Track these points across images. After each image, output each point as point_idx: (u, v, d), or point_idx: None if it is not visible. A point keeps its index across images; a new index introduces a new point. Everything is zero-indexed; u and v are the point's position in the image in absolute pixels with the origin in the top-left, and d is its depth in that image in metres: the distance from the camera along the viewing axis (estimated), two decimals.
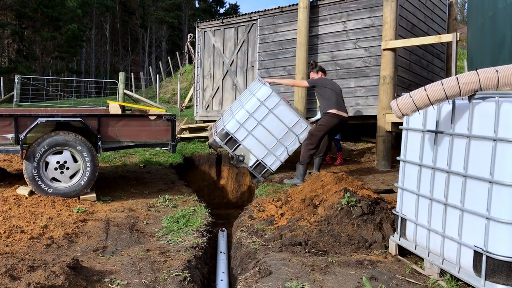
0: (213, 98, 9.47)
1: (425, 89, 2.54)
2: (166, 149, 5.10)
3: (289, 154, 5.62)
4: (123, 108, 6.32)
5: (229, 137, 5.41)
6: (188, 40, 9.75)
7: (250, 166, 5.51)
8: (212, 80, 9.49)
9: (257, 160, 5.51)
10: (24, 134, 4.39)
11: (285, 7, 8.16)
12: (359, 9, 7.30)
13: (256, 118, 5.43)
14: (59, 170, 4.54)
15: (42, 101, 16.05)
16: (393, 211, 3.32)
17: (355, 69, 7.37)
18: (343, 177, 4.30)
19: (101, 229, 3.76)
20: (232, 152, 5.43)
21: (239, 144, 5.42)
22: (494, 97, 2.33)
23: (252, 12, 8.67)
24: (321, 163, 5.99)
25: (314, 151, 5.55)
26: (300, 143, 5.59)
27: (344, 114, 5.61)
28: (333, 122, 5.50)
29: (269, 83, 5.54)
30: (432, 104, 2.55)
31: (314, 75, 5.91)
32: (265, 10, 8.44)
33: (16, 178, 5.24)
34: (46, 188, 4.48)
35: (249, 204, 4.97)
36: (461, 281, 2.59)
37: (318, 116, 5.92)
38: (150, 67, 28.30)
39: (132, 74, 24.25)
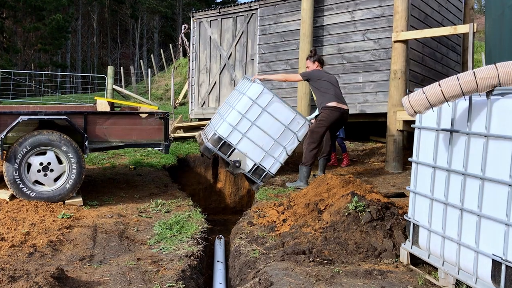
0: (209, 94, 9.48)
1: (439, 85, 2.54)
2: (159, 150, 5.10)
3: (288, 154, 5.63)
4: (111, 105, 6.32)
5: (222, 142, 5.43)
6: (183, 31, 9.75)
7: (248, 172, 5.54)
8: (209, 74, 9.49)
9: (255, 164, 5.53)
10: (4, 133, 4.39)
11: None
12: None
13: (249, 118, 5.44)
14: (42, 172, 4.54)
15: (24, 98, 16.04)
16: (404, 217, 3.33)
17: (364, 63, 7.37)
18: (350, 180, 4.30)
19: (88, 236, 3.76)
20: (227, 158, 5.45)
21: (234, 149, 5.44)
22: None
23: (251, 1, 8.67)
24: (325, 164, 5.99)
25: (317, 150, 5.58)
26: (299, 141, 5.62)
27: (345, 107, 5.65)
28: (334, 116, 5.53)
29: (260, 80, 5.57)
30: (447, 101, 2.55)
31: (309, 64, 5.93)
32: None
33: None
34: (29, 192, 4.48)
35: (248, 209, 4.97)
36: None
37: (317, 112, 5.94)
38: (141, 61, 28.31)
39: (121, 68, 24.27)
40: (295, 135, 5.57)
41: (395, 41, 6.48)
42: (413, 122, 3.26)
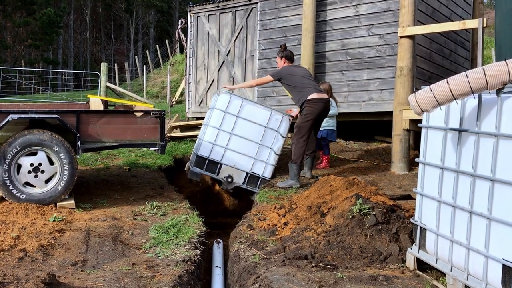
0: (207, 92, 9.47)
1: (447, 82, 2.54)
2: (154, 150, 5.10)
3: (277, 153, 5.75)
4: (105, 103, 6.32)
5: (207, 161, 5.53)
6: (179, 26, 9.76)
7: (243, 183, 5.60)
8: (206, 71, 9.49)
9: (247, 174, 5.62)
10: None
11: None
12: None
13: (226, 130, 5.55)
14: (33, 174, 4.53)
15: (14, 96, 16.07)
16: (411, 220, 3.33)
17: (368, 59, 7.37)
18: (354, 182, 4.31)
19: (81, 241, 3.76)
20: (217, 176, 5.54)
21: (221, 164, 5.54)
22: None
23: None
24: (313, 162, 6.10)
25: (306, 145, 5.66)
26: (283, 137, 5.72)
27: (325, 96, 5.76)
28: (319, 107, 5.61)
29: (229, 90, 5.74)
30: (455, 99, 2.55)
31: (278, 61, 6.01)
32: None
33: None
34: (19, 194, 4.48)
35: (248, 212, 4.97)
36: None
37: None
38: (136, 57, 28.31)
39: (115, 64, 24.25)
40: (277, 132, 5.66)
41: (401, 37, 6.47)
42: (420, 121, 3.26)
